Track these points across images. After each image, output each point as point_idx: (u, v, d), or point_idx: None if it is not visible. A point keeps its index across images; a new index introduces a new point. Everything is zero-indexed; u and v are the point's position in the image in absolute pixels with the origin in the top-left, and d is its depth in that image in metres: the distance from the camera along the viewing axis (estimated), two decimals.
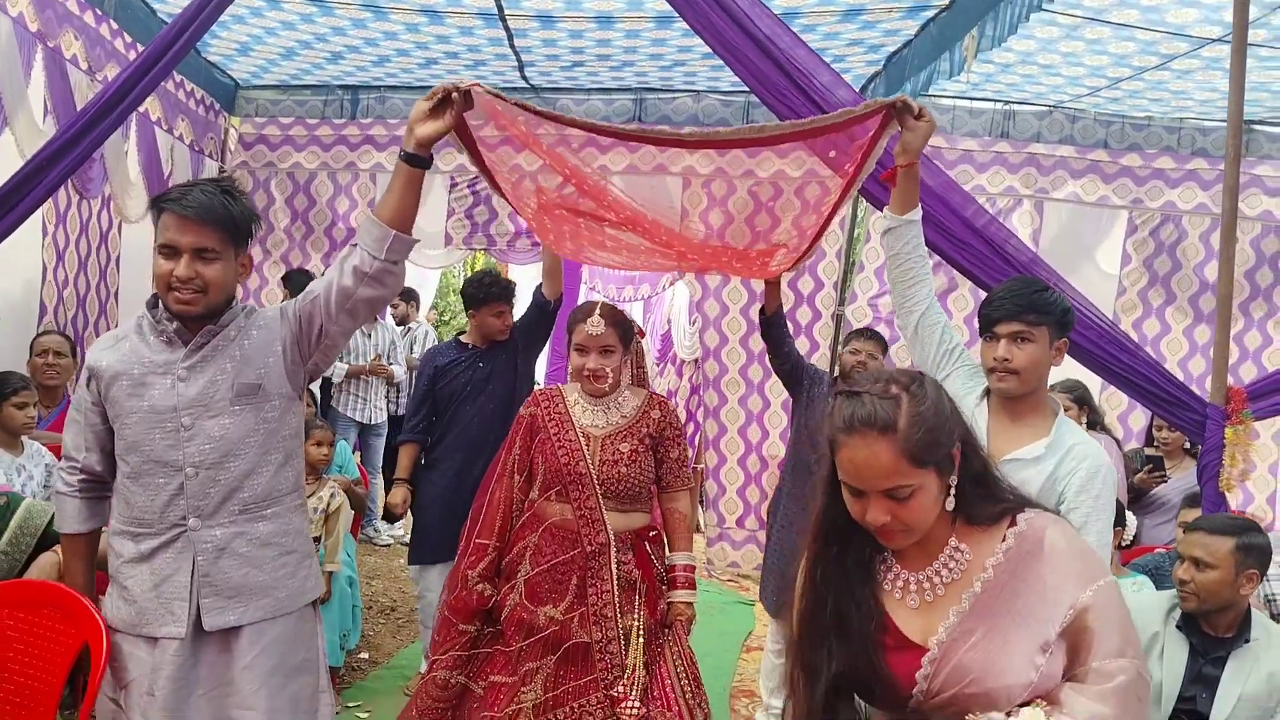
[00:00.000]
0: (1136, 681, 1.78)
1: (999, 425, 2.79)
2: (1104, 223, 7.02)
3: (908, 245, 2.97)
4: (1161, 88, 6.09)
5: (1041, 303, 2.72)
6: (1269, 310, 6.96)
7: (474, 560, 3.43)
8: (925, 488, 1.78)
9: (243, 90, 7.48)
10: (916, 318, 3.00)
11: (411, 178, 2.56)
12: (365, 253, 2.53)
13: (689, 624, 3.45)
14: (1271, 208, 6.91)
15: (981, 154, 6.96)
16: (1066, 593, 1.78)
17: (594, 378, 3.40)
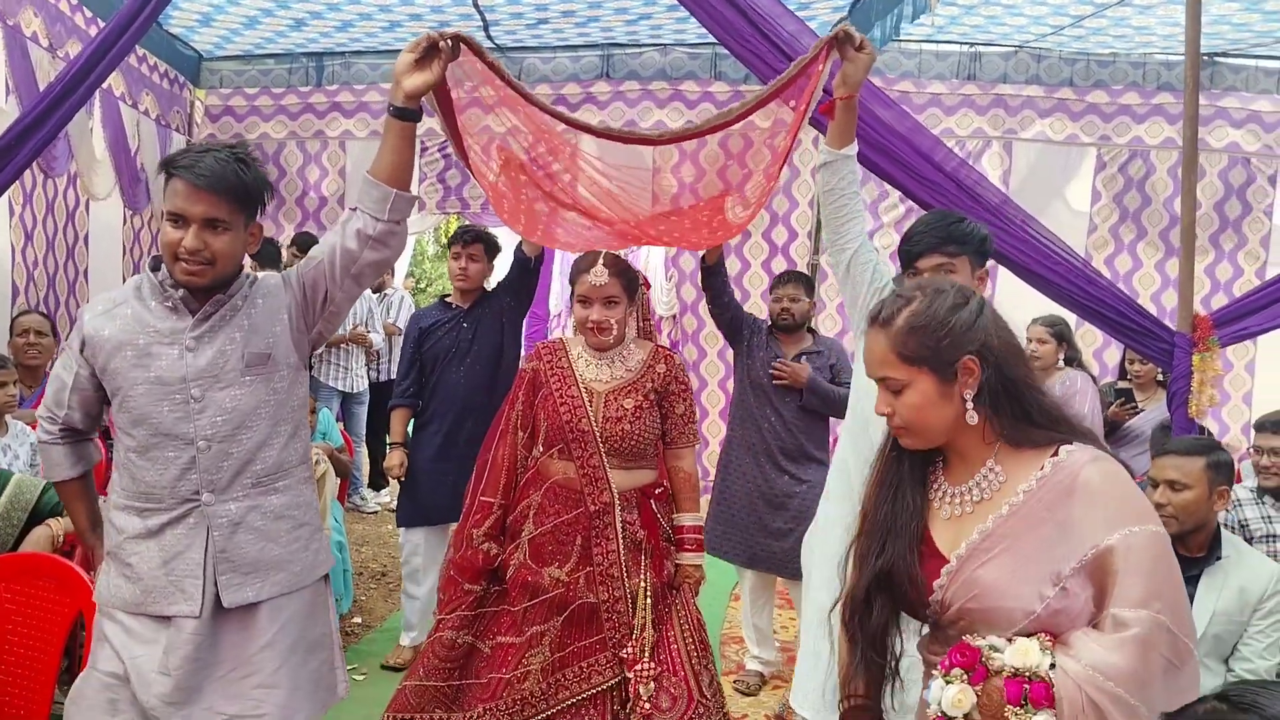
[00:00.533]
0: (1156, 635, 1.70)
1: None
2: (1072, 161, 7.07)
3: (843, 181, 2.92)
4: (1124, 24, 6.13)
5: (960, 233, 2.72)
6: (1239, 242, 7.04)
7: (479, 519, 3.36)
8: (916, 386, 1.86)
9: (206, 62, 7.42)
10: (849, 255, 2.94)
11: (404, 132, 2.50)
12: (367, 215, 2.47)
13: (697, 586, 3.38)
14: (1237, 139, 6.98)
15: (949, 97, 7.00)
16: (1090, 532, 1.75)
17: (598, 330, 3.27)
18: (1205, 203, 6.98)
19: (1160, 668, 1.72)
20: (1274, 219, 7.03)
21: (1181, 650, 1.74)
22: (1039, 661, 1.73)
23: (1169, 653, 1.72)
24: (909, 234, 2.77)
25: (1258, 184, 6.99)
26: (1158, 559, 1.74)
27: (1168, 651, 1.72)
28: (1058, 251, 3.51)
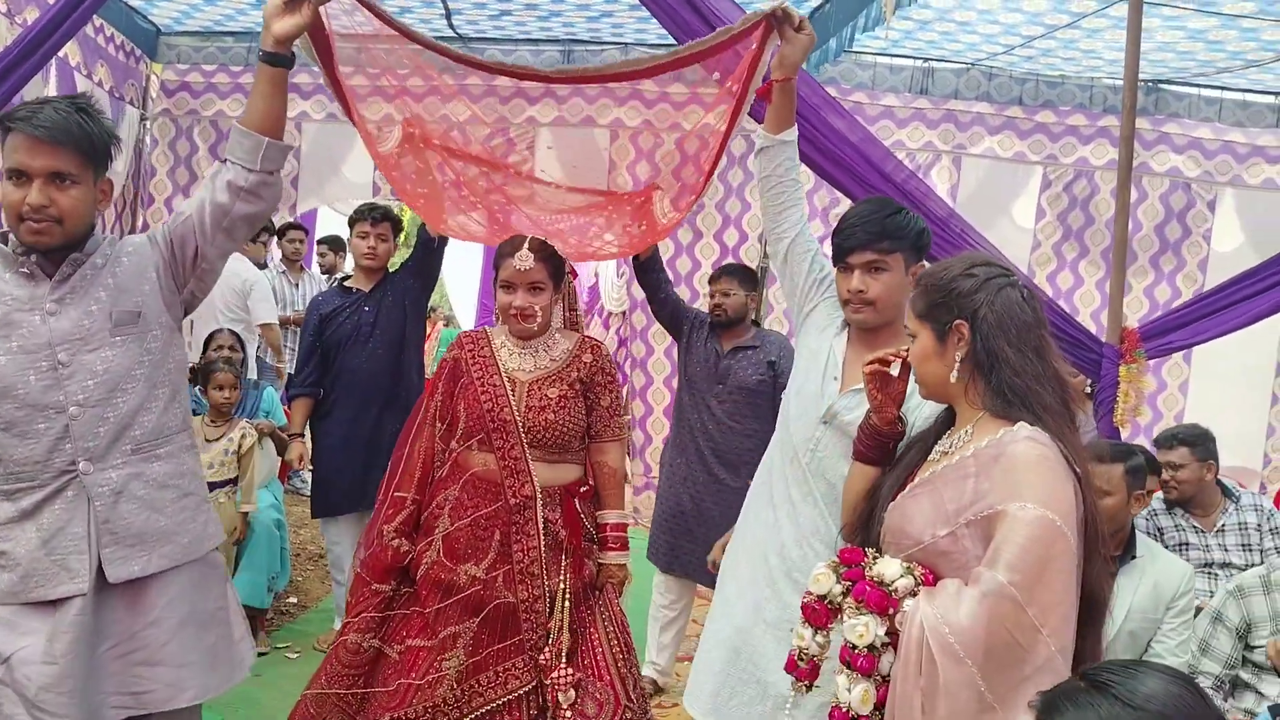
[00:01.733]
0: (1001, 602, 1.76)
1: (856, 356, 2.63)
2: (1019, 178, 7.21)
3: (780, 167, 2.82)
4: (1073, 46, 6.28)
5: (894, 227, 2.57)
6: (1178, 264, 7.22)
7: (391, 514, 3.21)
8: (919, 339, 2.10)
9: (165, 36, 7.36)
10: (787, 244, 2.84)
11: (275, 78, 2.42)
12: (239, 166, 2.37)
13: (621, 586, 3.27)
14: (1179, 164, 7.15)
15: (901, 110, 7.11)
16: (994, 495, 1.86)
17: (521, 317, 3.13)
18: (1146, 224, 7.16)
19: (1003, 641, 1.77)
20: (1212, 244, 7.21)
21: (1028, 632, 1.77)
22: (894, 576, 1.92)
23: (1013, 627, 1.76)
24: (841, 225, 2.64)
25: (1197, 209, 7.17)
26: (1035, 539, 1.79)
27: (1012, 625, 1.76)
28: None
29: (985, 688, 1.76)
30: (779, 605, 2.61)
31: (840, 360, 2.66)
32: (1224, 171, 7.12)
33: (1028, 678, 1.76)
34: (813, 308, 2.81)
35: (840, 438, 2.57)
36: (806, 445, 2.65)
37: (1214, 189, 7.18)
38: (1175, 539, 4.29)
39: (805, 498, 2.64)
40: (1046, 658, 1.77)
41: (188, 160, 7.47)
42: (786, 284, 2.89)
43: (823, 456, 2.61)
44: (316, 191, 7.50)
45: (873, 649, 1.90)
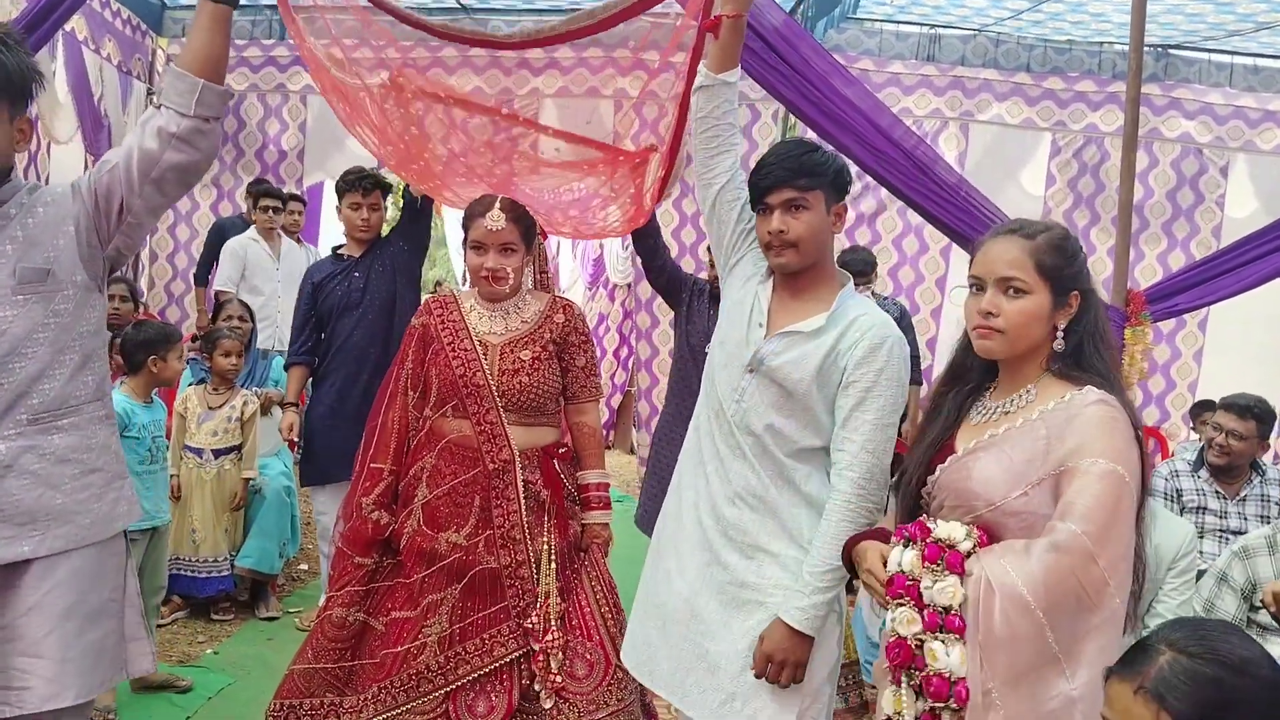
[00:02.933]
0: (1074, 553, 1.81)
1: (780, 303, 2.55)
2: (1028, 145, 7.17)
3: (718, 109, 2.66)
4: (1081, 10, 6.23)
5: (812, 164, 2.46)
6: (1191, 230, 7.18)
7: (368, 486, 3.16)
8: (1034, 297, 2.04)
9: (170, 10, 7.36)
10: (716, 190, 2.69)
11: (217, 16, 2.20)
12: (171, 110, 2.15)
13: (606, 546, 3.24)
14: (1190, 130, 7.10)
15: (908, 76, 7.07)
16: (1067, 453, 1.92)
17: (492, 278, 3.08)
18: (1158, 190, 7.12)
19: (1072, 591, 1.82)
20: (1226, 210, 7.17)
21: (1099, 585, 1.83)
22: (960, 537, 1.97)
23: (1084, 578, 1.83)
24: (758, 166, 2.52)
25: (1210, 174, 7.12)
26: (1106, 492, 1.86)
27: (1083, 576, 1.82)
28: None
29: (1053, 638, 1.82)
30: (720, 568, 2.50)
31: (765, 307, 2.55)
32: (1236, 137, 7.07)
33: (1094, 628, 1.83)
34: (739, 259, 2.69)
35: (767, 385, 2.48)
36: (732, 396, 2.53)
37: (1226, 154, 7.12)
38: (1195, 502, 4.30)
39: (733, 452, 2.51)
40: (1111, 610, 1.84)
41: None
42: (714, 234, 2.76)
43: (748, 407, 2.49)
44: (322, 164, 7.50)
45: (964, 607, 1.91)
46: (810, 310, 2.50)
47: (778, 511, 2.46)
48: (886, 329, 2.44)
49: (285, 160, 7.44)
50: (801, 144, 2.55)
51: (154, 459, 3.81)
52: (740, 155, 2.73)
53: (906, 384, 2.45)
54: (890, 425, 2.40)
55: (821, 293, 2.52)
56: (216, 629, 4.58)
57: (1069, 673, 1.82)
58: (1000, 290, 2.06)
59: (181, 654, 4.29)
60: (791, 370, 2.44)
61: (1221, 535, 4.28)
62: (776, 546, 2.46)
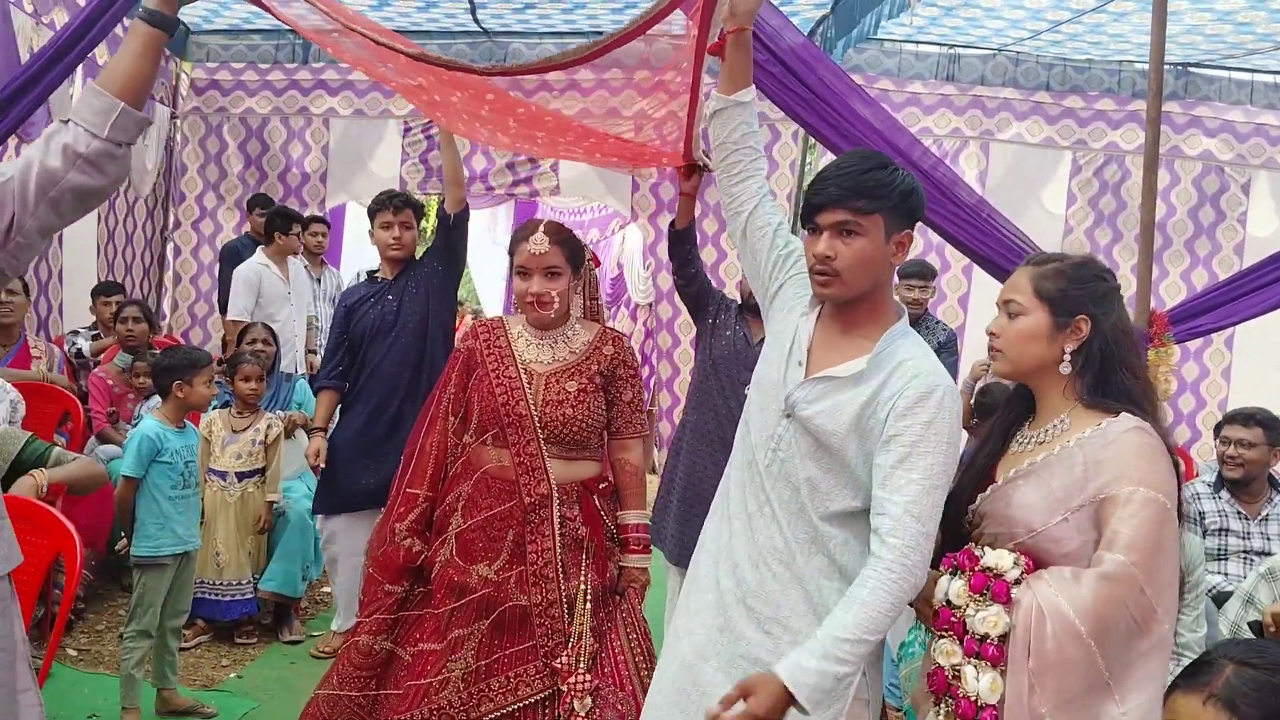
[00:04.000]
0: (1124, 583, 1.85)
1: (825, 338, 2.26)
2: (1048, 163, 7.17)
3: (736, 132, 2.45)
4: (1100, 30, 6.23)
5: (873, 184, 2.13)
6: (1213, 249, 7.16)
7: (403, 512, 3.08)
8: (1031, 316, 2.11)
9: (194, 35, 7.44)
10: (745, 218, 2.47)
11: (150, 41, 2.06)
12: (81, 128, 1.98)
13: (643, 590, 3.09)
14: (1211, 148, 7.10)
15: (928, 96, 7.09)
16: (1106, 480, 1.95)
17: (538, 304, 2.98)
18: (1180, 209, 7.10)
19: (1123, 620, 1.86)
20: (1248, 228, 7.14)
21: (1147, 612, 1.87)
22: (1008, 565, 1.99)
23: (1134, 608, 1.86)
24: (816, 178, 2.23)
25: (1231, 192, 7.11)
26: (1149, 520, 1.89)
27: (1133, 607, 1.86)
28: (1028, 249, 3.59)
29: (1103, 664, 1.86)
30: (731, 639, 2.25)
31: (806, 343, 2.26)
32: (1257, 154, 7.06)
33: (1142, 654, 1.88)
34: (778, 288, 2.43)
35: (802, 435, 2.19)
36: (766, 445, 2.25)
37: (1247, 172, 7.11)
38: (1217, 524, 4.28)
39: (761, 509, 2.25)
40: (1160, 636, 1.89)
41: (218, 157, 7.56)
42: (748, 265, 2.53)
43: (784, 458, 2.21)
44: (345, 186, 7.57)
45: (1004, 639, 1.94)
46: (854, 350, 2.20)
47: (804, 581, 2.17)
48: (936, 377, 2.12)
49: (308, 183, 7.50)
50: (868, 156, 2.22)
51: (187, 484, 3.83)
52: (765, 174, 2.54)
53: (959, 442, 2.12)
54: (939, 489, 2.07)
55: (871, 331, 2.21)
56: (240, 653, 4.59)
57: (1119, 698, 1.86)
58: (1002, 312, 2.17)
59: (205, 678, 4.30)
60: (825, 421, 2.16)
61: (1245, 556, 4.25)
62: (799, 623, 2.17)
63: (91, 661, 4.31)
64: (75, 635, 4.49)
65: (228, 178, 7.55)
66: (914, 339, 2.23)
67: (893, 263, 2.20)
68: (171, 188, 7.65)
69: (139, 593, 3.69)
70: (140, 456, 3.70)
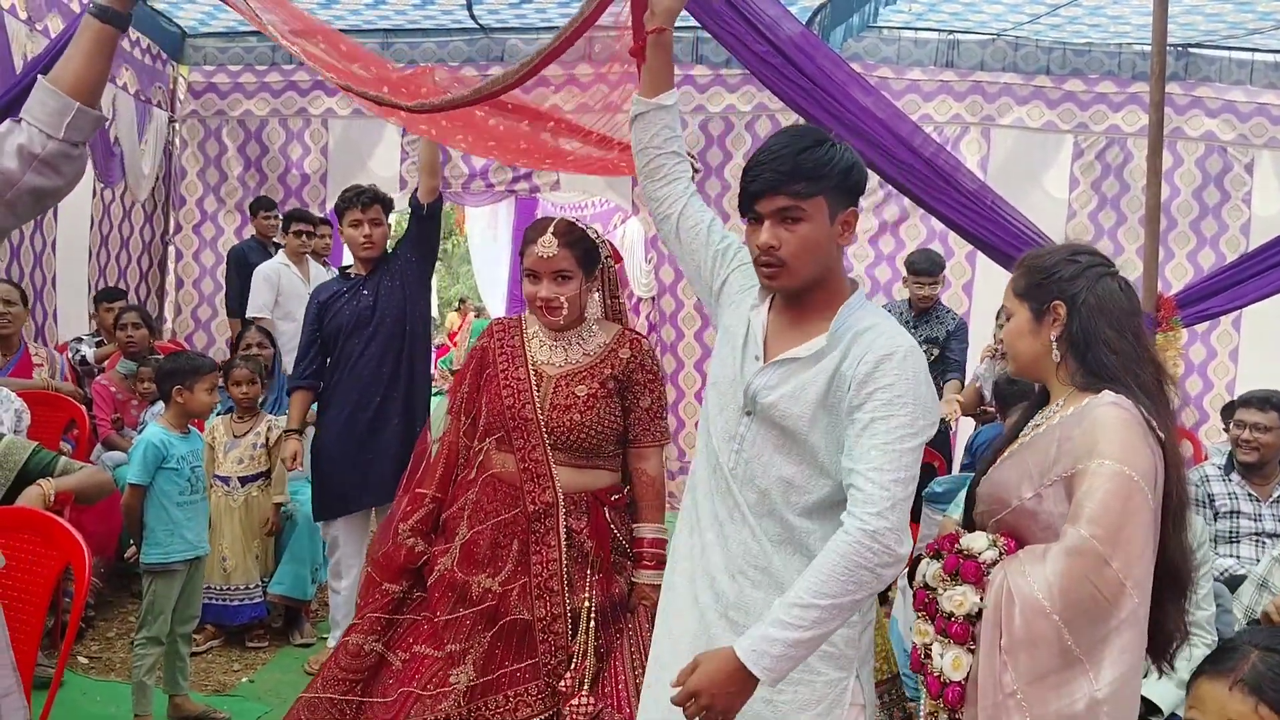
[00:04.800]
0: (1085, 557, 1.83)
1: (779, 327, 2.15)
2: (1050, 148, 7.15)
3: (659, 137, 2.34)
4: (1099, 13, 6.21)
5: (811, 164, 2.00)
6: (1219, 229, 7.13)
7: (409, 511, 3.00)
8: (1016, 316, 2.15)
9: (190, 38, 7.43)
10: (675, 220, 2.36)
11: (103, 38, 1.99)
12: (36, 129, 1.92)
13: (654, 609, 2.71)
14: (1213, 128, 7.07)
15: (927, 83, 7.07)
16: (1077, 455, 1.95)
17: (547, 308, 2.85)
18: (1184, 190, 7.08)
19: (1088, 595, 1.85)
20: (1253, 207, 7.11)
21: (1114, 587, 1.85)
22: (981, 546, 2.01)
23: (1098, 581, 1.85)
24: (748, 165, 2.09)
25: (1235, 172, 7.08)
26: (1114, 494, 1.87)
27: (1097, 579, 1.84)
28: (1033, 235, 3.58)
29: (1071, 640, 1.85)
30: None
31: (761, 334, 2.14)
32: (1259, 134, 7.03)
33: (1113, 630, 1.86)
34: (721, 283, 2.31)
35: (767, 429, 2.08)
36: (729, 446, 2.13)
37: (1250, 152, 7.08)
38: (1227, 506, 4.26)
39: (732, 514, 2.12)
40: (1130, 611, 1.86)
41: (217, 160, 7.55)
42: (688, 267, 2.40)
43: (749, 457, 2.10)
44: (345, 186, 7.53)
45: (969, 618, 1.96)
46: (812, 333, 2.09)
47: (784, 585, 2.01)
48: (895, 337, 2.02)
49: (308, 184, 7.49)
50: (801, 135, 2.07)
51: (194, 489, 3.82)
52: (690, 176, 2.42)
53: (928, 400, 2.01)
54: (907, 451, 1.94)
55: (827, 313, 2.10)
56: (251, 657, 4.59)
57: (1092, 674, 1.85)
58: (1001, 319, 2.27)
59: (217, 683, 4.29)
60: (790, 405, 2.05)
61: (1257, 539, 4.23)
62: None
63: (103, 669, 4.31)
64: (86, 643, 4.49)
65: (228, 181, 7.53)
66: (871, 307, 2.14)
67: (840, 243, 2.09)
68: (171, 192, 7.64)
69: (149, 599, 3.68)
70: (146, 464, 3.69)
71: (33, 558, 2.74)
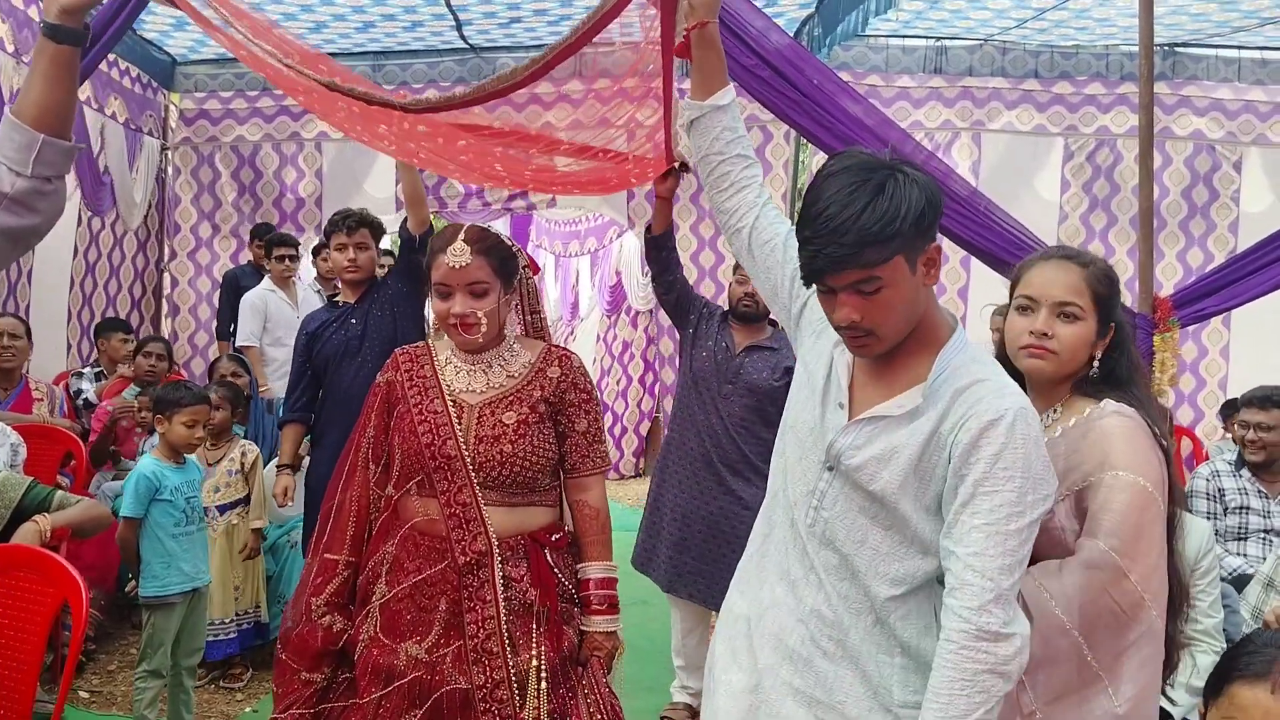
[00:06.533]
0: (1104, 571, 1.81)
1: (868, 370, 1.89)
2: (1040, 151, 7.15)
3: (720, 140, 2.15)
4: (1085, 15, 6.22)
5: (878, 225, 1.68)
6: (1208, 228, 7.14)
7: (319, 583, 2.58)
8: (1087, 323, 2.04)
9: (180, 66, 7.44)
10: (747, 235, 2.14)
11: (60, 59, 1.79)
12: (5, 166, 1.77)
13: (610, 660, 2.60)
14: (1201, 127, 7.08)
15: (917, 90, 7.08)
16: (1087, 468, 1.92)
17: (462, 326, 2.50)
18: (1173, 189, 7.08)
19: (1107, 608, 1.82)
20: (1241, 205, 7.12)
21: (1133, 600, 1.83)
22: None
23: (1118, 595, 1.82)
24: (802, 240, 1.77)
25: (1223, 170, 7.09)
26: (1130, 505, 1.86)
27: (1116, 593, 1.82)
28: (1026, 240, 3.58)
29: (1091, 656, 1.81)
30: None
31: (845, 379, 1.90)
32: (1247, 131, 7.04)
33: (1131, 644, 1.83)
34: (802, 306, 2.07)
35: (851, 489, 1.84)
36: (807, 501, 1.89)
37: (1239, 149, 7.09)
38: (1237, 502, 4.28)
39: (807, 575, 1.90)
40: (1149, 624, 1.83)
41: (211, 187, 7.54)
42: (763, 286, 2.19)
43: (829, 517, 1.86)
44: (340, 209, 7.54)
45: None
46: (905, 380, 1.83)
47: (859, 660, 1.82)
48: (1003, 397, 1.75)
49: (304, 208, 7.48)
50: (856, 186, 1.71)
51: (190, 520, 3.78)
52: (761, 181, 2.22)
53: (1040, 471, 1.73)
54: (1014, 534, 1.68)
55: (922, 355, 1.84)
56: (254, 686, 4.56)
57: (1112, 690, 1.82)
58: (1054, 314, 2.04)
59: (220, 714, 4.27)
60: (878, 469, 1.79)
61: (1265, 537, 4.23)
62: (855, 710, 1.82)
63: (104, 703, 4.29)
64: (87, 676, 4.47)
65: (222, 207, 7.53)
66: (973, 352, 1.86)
67: (927, 284, 1.81)
68: (165, 219, 7.63)
69: (149, 633, 3.67)
70: (139, 496, 3.66)
71: (29, 595, 2.73)
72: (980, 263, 3.80)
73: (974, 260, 6.82)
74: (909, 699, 1.79)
